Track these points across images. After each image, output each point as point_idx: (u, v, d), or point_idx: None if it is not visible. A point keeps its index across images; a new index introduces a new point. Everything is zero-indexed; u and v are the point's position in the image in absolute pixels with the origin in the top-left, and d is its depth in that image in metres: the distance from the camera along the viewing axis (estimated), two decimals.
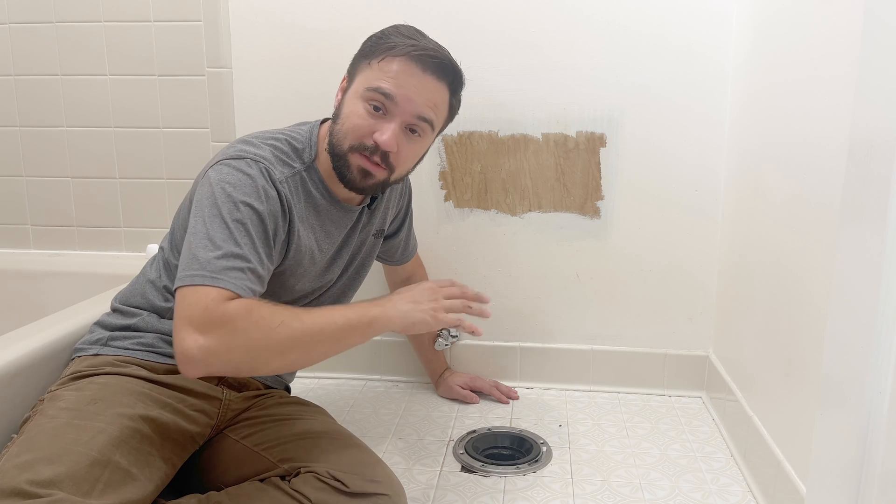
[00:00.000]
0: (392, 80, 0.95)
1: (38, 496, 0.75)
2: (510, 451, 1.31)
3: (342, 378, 1.61)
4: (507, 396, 1.50)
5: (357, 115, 0.97)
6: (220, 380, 1.05)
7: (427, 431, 1.36)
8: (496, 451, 1.31)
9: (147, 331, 1.03)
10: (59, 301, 1.28)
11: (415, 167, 1.07)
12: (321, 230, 1.05)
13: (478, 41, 1.43)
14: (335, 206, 1.06)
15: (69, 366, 1.03)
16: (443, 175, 1.51)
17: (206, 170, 0.96)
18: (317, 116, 1.09)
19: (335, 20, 1.44)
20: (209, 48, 1.51)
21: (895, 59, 0.64)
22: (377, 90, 0.96)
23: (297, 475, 0.93)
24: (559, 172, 1.48)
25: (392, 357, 1.60)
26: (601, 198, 1.48)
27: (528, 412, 1.45)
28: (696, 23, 1.38)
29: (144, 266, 1.11)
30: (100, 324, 1.07)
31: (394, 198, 1.22)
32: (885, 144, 0.65)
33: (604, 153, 1.46)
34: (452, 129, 1.47)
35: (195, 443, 1.00)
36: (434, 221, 1.53)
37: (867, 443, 0.68)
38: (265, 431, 1.02)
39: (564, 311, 1.54)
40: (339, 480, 0.91)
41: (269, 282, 0.99)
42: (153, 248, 1.37)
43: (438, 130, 1.05)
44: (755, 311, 1.22)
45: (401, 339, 1.57)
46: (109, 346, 1.02)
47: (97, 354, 1.02)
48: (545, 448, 1.29)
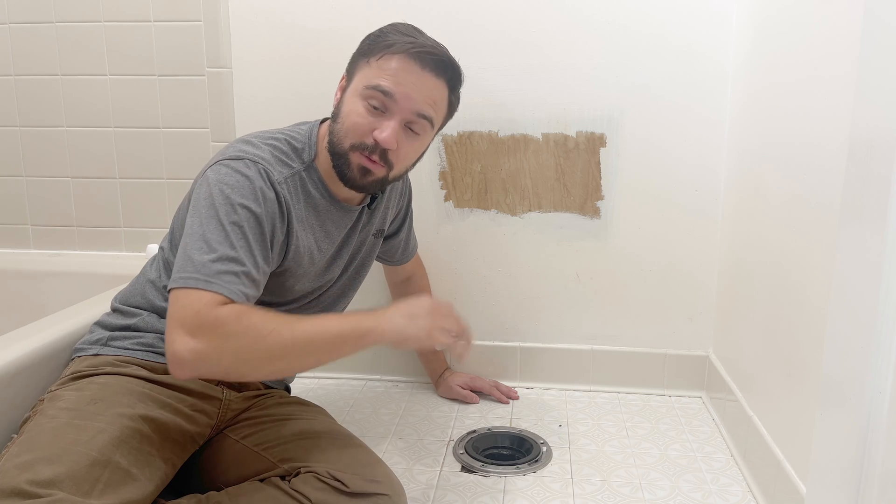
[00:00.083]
0: (391, 78, 0.95)
1: (38, 496, 0.75)
2: (510, 451, 1.31)
3: (342, 378, 1.61)
4: (507, 396, 1.50)
5: (356, 114, 0.97)
6: (220, 380, 1.05)
7: (427, 431, 1.36)
8: (496, 451, 1.31)
9: (147, 331, 1.03)
10: (59, 301, 1.28)
11: (414, 165, 1.07)
12: (321, 230, 1.05)
13: (478, 41, 1.43)
14: (335, 206, 1.06)
15: (69, 366, 1.03)
16: (443, 175, 1.51)
17: (206, 170, 0.96)
18: (317, 116, 1.09)
19: (335, 20, 1.44)
20: (209, 48, 1.51)
21: (895, 59, 0.64)
22: (376, 88, 0.95)
23: (297, 475, 0.93)
24: (559, 172, 1.48)
25: (392, 357, 1.60)
26: (601, 198, 1.48)
27: (528, 412, 1.45)
28: (696, 23, 1.38)
29: (144, 266, 1.11)
30: (100, 324, 1.07)
31: (394, 198, 1.22)
32: (885, 144, 0.65)
33: (604, 153, 1.46)
34: (452, 129, 1.47)
35: (195, 443, 1.00)
36: (434, 221, 1.53)
37: (867, 443, 0.68)
38: (265, 431, 1.02)
39: (564, 311, 1.54)
40: (339, 480, 0.91)
41: (269, 283, 0.99)
42: (153, 248, 1.37)
43: (438, 128, 1.05)
44: (755, 311, 1.22)
45: None
46: (109, 346, 1.02)
47: (97, 354, 1.02)
48: (545, 448, 1.29)
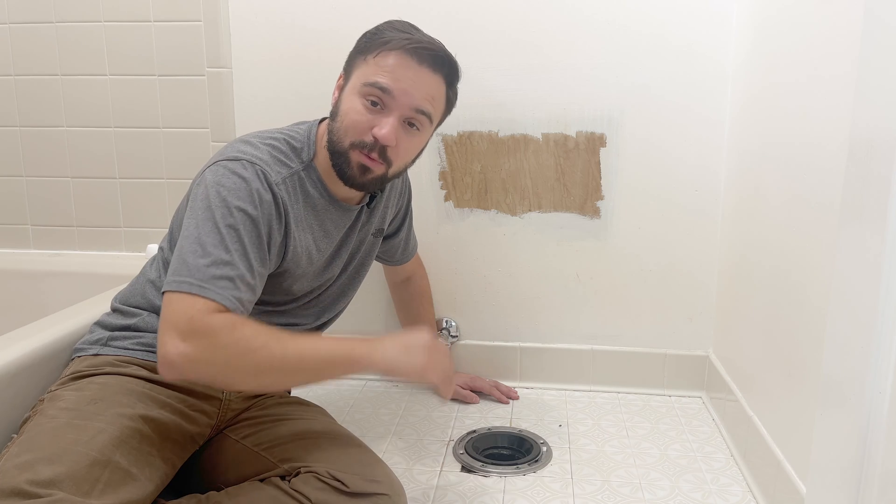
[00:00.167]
0: (389, 75, 0.95)
1: (38, 496, 0.75)
2: (510, 451, 1.31)
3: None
4: (507, 396, 1.50)
5: (355, 112, 0.97)
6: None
7: (427, 431, 1.36)
8: (496, 451, 1.31)
9: (147, 331, 1.02)
10: (59, 301, 1.28)
11: (413, 162, 1.07)
12: (320, 230, 1.05)
13: (478, 41, 1.43)
14: (334, 206, 1.06)
15: (69, 366, 1.03)
16: (443, 175, 1.51)
17: (204, 170, 0.96)
18: (317, 116, 1.08)
19: (335, 20, 1.44)
20: (209, 48, 1.51)
21: (895, 59, 0.64)
22: (374, 85, 0.95)
23: (297, 475, 0.93)
24: (559, 172, 1.48)
25: None
26: (601, 198, 1.48)
27: (528, 412, 1.45)
28: (696, 23, 1.38)
29: (144, 266, 1.11)
30: (100, 324, 1.07)
31: (393, 197, 1.22)
32: (885, 144, 0.65)
33: (604, 153, 1.46)
34: (452, 129, 1.47)
35: (195, 443, 1.00)
36: (434, 221, 1.53)
37: (867, 443, 0.68)
38: (265, 431, 1.02)
39: (564, 311, 1.54)
40: (339, 480, 0.91)
41: (269, 283, 1.00)
42: (153, 248, 1.37)
43: (436, 124, 1.04)
44: (755, 311, 1.22)
45: None
46: (109, 346, 1.02)
47: (97, 354, 1.02)
48: (545, 448, 1.29)
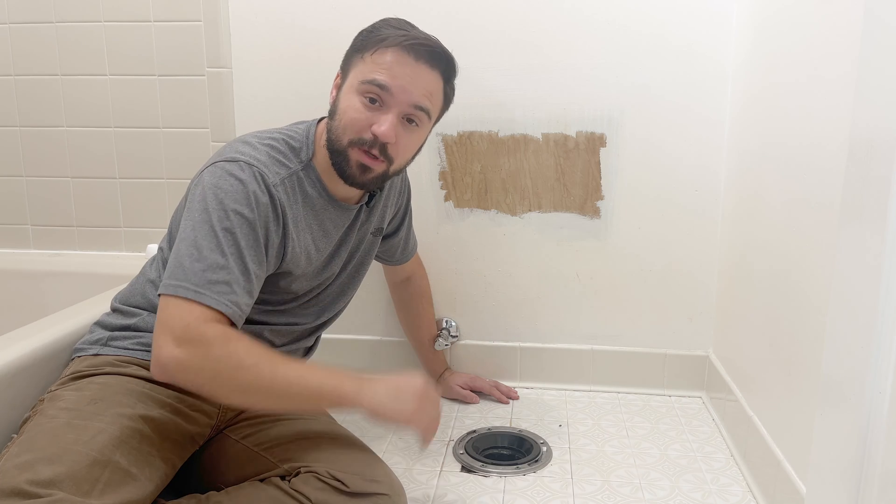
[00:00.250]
0: (386, 72, 0.95)
1: (38, 496, 0.75)
2: (510, 451, 1.31)
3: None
4: (507, 396, 1.50)
5: (354, 109, 0.97)
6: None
7: None
8: (496, 451, 1.31)
9: (147, 330, 1.02)
10: (59, 301, 1.28)
11: (413, 159, 1.07)
12: (319, 229, 1.05)
13: (478, 41, 1.43)
14: (333, 205, 1.06)
15: (69, 366, 1.03)
16: (443, 175, 1.51)
17: (202, 170, 0.96)
18: (317, 116, 1.08)
19: (335, 20, 1.44)
20: (209, 48, 1.51)
21: (895, 59, 0.64)
22: (372, 82, 0.95)
23: (297, 475, 0.93)
24: (559, 172, 1.48)
25: (392, 357, 1.60)
26: (601, 198, 1.48)
27: (528, 412, 1.45)
28: (696, 23, 1.38)
29: (144, 266, 1.11)
30: (100, 324, 1.07)
31: (392, 196, 1.22)
32: (885, 144, 0.65)
33: (604, 153, 1.46)
34: (452, 129, 1.47)
35: (195, 443, 1.00)
36: (434, 221, 1.53)
37: (867, 443, 0.68)
38: (265, 431, 1.02)
39: (564, 311, 1.54)
40: (339, 480, 0.91)
41: (269, 283, 1.00)
42: (153, 248, 1.37)
43: (435, 120, 1.05)
44: (755, 311, 1.22)
45: (401, 340, 1.57)
46: (109, 346, 1.02)
47: (97, 354, 1.02)
48: (545, 448, 1.29)
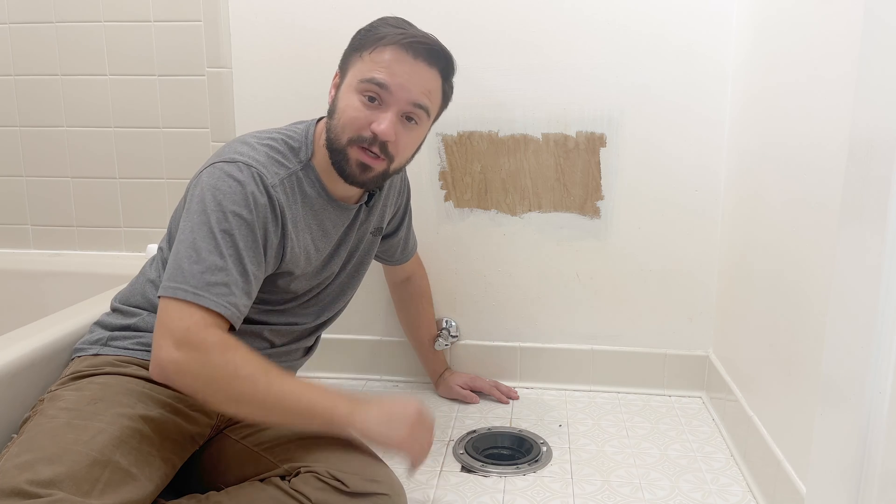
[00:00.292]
0: (385, 70, 0.96)
1: (38, 496, 0.75)
2: (510, 451, 1.31)
3: (342, 378, 1.61)
4: (507, 396, 1.50)
5: (353, 108, 0.97)
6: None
7: None
8: (496, 451, 1.31)
9: (147, 330, 1.02)
10: (59, 301, 1.28)
11: (412, 157, 1.07)
12: (318, 229, 1.05)
13: (478, 41, 1.43)
14: (332, 205, 1.06)
15: (69, 366, 1.03)
16: (443, 175, 1.51)
17: (201, 171, 0.96)
18: (317, 116, 1.08)
19: (335, 20, 1.44)
20: (209, 48, 1.51)
21: (895, 59, 0.64)
22: (371, 81, 0.96)
23: (297, 475, 0.93)
24: (559, 172, 1.48)
25: (392, 357, 1.60)
26: (601, 198, 1.48)
27: (528, 412, 1.45)
28: (696, 23, 1.38)
29: (144, 266, 1.11)
30: (100, 324, 1.07)
31: (392, 196, 1.22)
32: (885, 144, 0.65)
33: (604, 153, 1.46)
34: (452, 129, 1.47)
35: (195, 443, 1.00)
36: (434, 221, 1.53)
37: (867, 443, 0.68)
38: (265, 431, 1.02)
39: (564, 311, 1.54)
40: (339, 480, 0.91)
41: (268, 282, 1.00)
42: (153, 248, 1.37)
43: (434, 118, 1.05)
44: (755, 312, 1.22)
45: (401, 339, 1.57)
46: (109, 346, 1.02)
47: (97, 354, 1.02)
48: (545, 448, 1.29)
